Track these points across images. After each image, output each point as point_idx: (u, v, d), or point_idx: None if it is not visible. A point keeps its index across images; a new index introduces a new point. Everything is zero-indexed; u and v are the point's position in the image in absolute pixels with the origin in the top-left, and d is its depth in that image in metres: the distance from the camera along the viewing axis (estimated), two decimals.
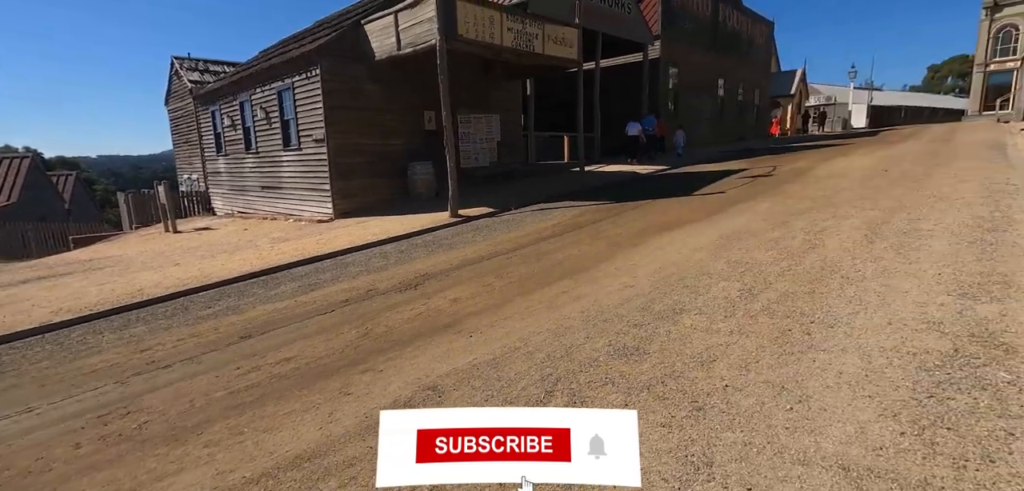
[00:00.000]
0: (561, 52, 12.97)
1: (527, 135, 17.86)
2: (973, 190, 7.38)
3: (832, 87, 57.65)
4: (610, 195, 11.40)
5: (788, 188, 9.18)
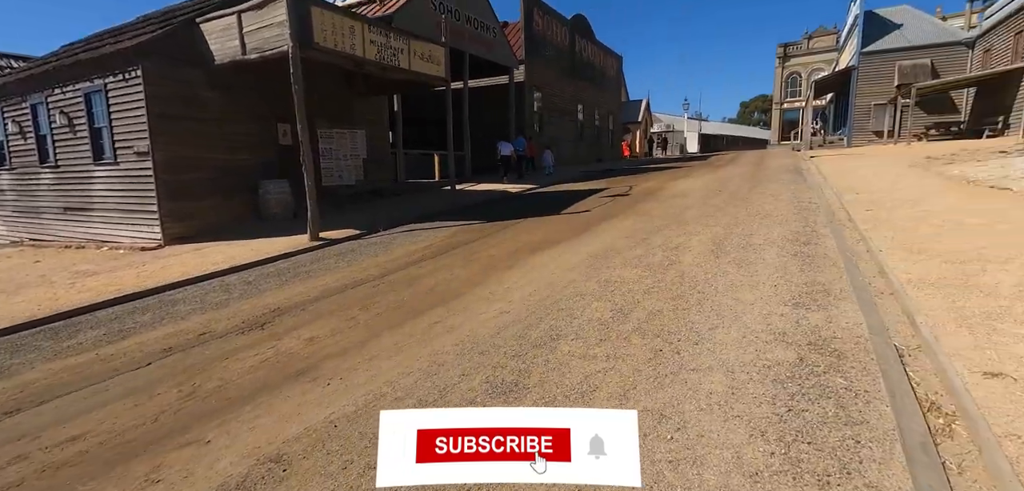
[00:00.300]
0: (428, 69, 12.67)
1: (395, 152, 17.19)
2: (786, 208, 8.64)
3: (671, 116, 65.48)
4: (482, 214, 11.32)
5: (644, 207, 9.92)
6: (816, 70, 65.22)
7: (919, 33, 27.45)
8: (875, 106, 27.32)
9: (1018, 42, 20.65)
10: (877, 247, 5.36)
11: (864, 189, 9.51)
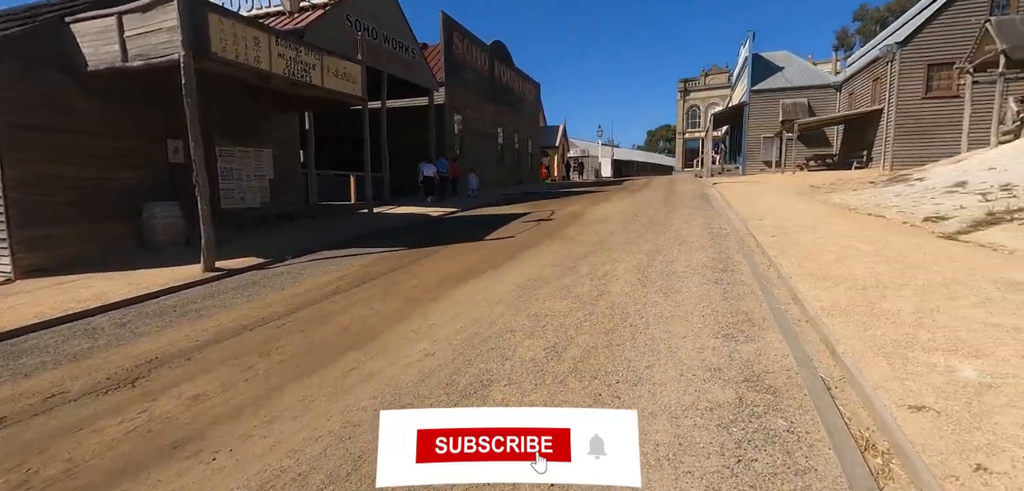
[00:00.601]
0: (343, 87, 12.00)
1: (307, 173, 16.08)
2: (700, 233, 9.03)
3: (586, 142, 68.27)
4: (403, 240, 10.77)
5: (569, 232, 9.94)
6: (712, 104, 71.55)
7: (798, 76, 30.89)
8: (764, 138, 30.21)
9: (875, 87, 23.82)
10: (788, 273, 5.63)
11: (766, 215, 10.22)
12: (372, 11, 18.96)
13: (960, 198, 10.31)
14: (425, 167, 19.70)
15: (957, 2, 20.49)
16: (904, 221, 8.81)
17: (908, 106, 21.04)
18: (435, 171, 19.93)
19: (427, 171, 19.58)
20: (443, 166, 21.21)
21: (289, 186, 14.82)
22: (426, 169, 19.64)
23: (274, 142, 14.24)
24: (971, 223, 8.20)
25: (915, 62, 20.92)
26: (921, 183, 12.96)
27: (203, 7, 8.74)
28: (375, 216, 14.76)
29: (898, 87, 21.09)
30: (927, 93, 20.87)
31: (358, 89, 12.54)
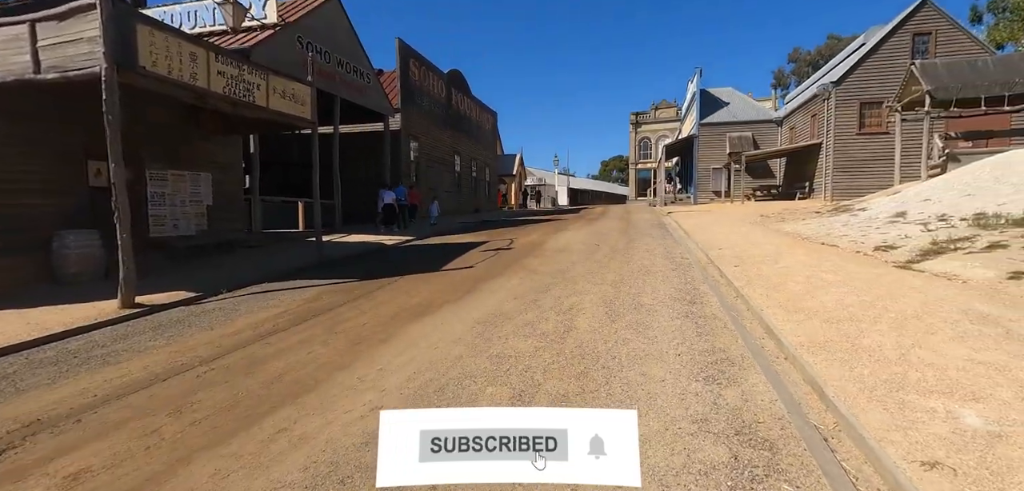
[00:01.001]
0: (292, 109, 11.31)
1: (251, 199, 15.07)
2: (663, 263, 8.87)
3: (542, 171, 69.12)
4: (354, 270, 10.09)
5: (529, 262, 9.57)
6: (662, 136, 74.27)
7: (742, 110, 32.38)
8: (714, 169, 31.32)
9: (814, 123, 25.19)
10: (757, 305, 5.44)
11: (724, 245, 10.23)
12: (325, 34, 18.38)
13: (902, 228, 10.70)
14: (385, 194, 19.03)
15: (883, 47, 22.07)
16: (857, 250, 8.98)
17: (844, 141, 22.29)
18: (395, 198, 19.33)
19: (387, 198, 18.92)
20: (402, 193, 20.70)
21: (230, 213, 13.80)
22: (386, 196, 18.98)
23: (215, 166, 13.27)
24: (920, 252, 8.43)
25: (849, 100, 22.26)
26: (864, 213, 13.50)
27: (131, 17, 7.98)
28: (325, 245, 13.92)
29: (835, 123, 22.34)
30: (860, 129, 22.20)
31: (307, 111, 11.87)
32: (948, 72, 16.27)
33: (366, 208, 23.67)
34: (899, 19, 21.95)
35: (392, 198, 18.92)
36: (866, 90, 22.07)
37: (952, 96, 15.70)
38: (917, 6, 21.69)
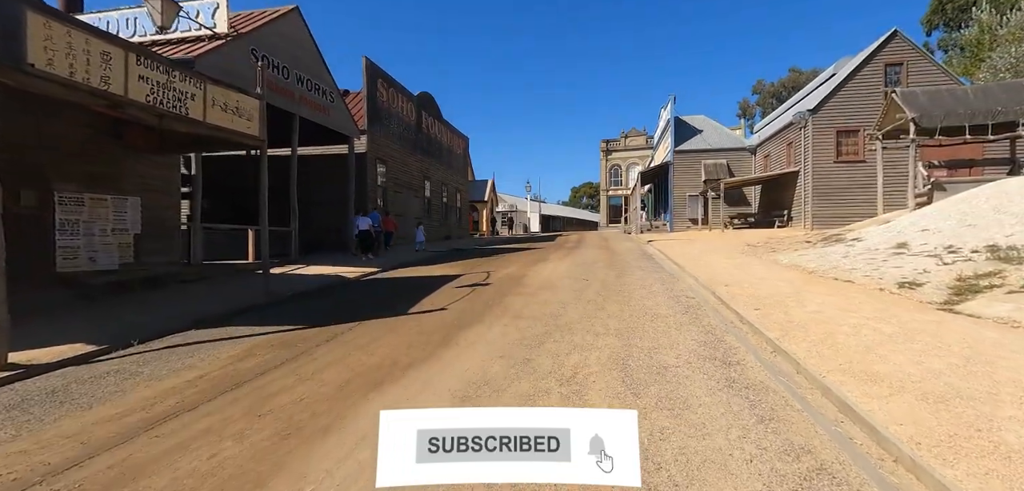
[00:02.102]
0: (235, 124, 9.77)
1: (190, 226, 13.27)
2: (668, 305, 7.70)
3: (513, 197, 68.41)
4: (304, 312, 8.53)
5: (513, 303, 8.23)
6: (632, 163, 74.90)
7: (716, 138, 32.29)
8: (689, 197, 30.91)
9: (790, 150, 25.03)
10: (814, 369, 4.26)
11: (729, 281, 9.18)
12: (284, 49, 16.90)
13: (913, 261, 9.91)
14: (359, 221, 17.90)
15: (857, 76, 22.11)
16: (879, 287, 8.04)
17: (822, 169, 22.05)
18: (370, 225, 18.22)
19: (362, 225, 17.78)
20: (376, 219, 19.49)
21: (164, 243, 12.00)
22: (361, 222, 17.84)
23: (146, 188, 11.52)
24: (951, 290, 7.54)
25: (825, 128, 22.11)
26: (861, 244, 12.78)
27: (19, 3, 6.41)
28: (276, 278, 12.24)
29: (813, 151, 22.10)
30: (838, 157, 22.03)
31: (255, 128, 10.33)
32: (929, 100, 16.07)
33: (329, 236, 21.95)
34: (871, 50, 22.09)
35: (367, 224, 17.87)
36: (842, 118, 21.99)
37: (937, 124, 15.44)
38: (887, 38, 21.88)
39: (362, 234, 17.76)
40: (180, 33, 15.18)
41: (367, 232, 17.81)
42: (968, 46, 35.89)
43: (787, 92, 57.12)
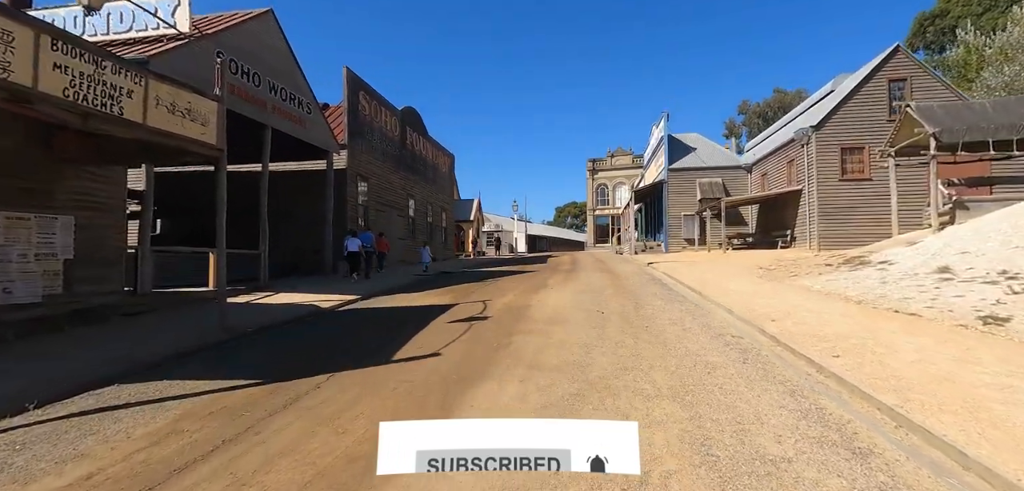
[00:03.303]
0: (185, 129, 8.18)
1: (138, 250, 11.49)
2: (716, 348, 6.30)
3: (499, 217, 67.13)
4: (261, 357, 6.90)
5: (522, 345, 6.72)
6: (619, 183, 74.38)
7: (710, 156, 31.47)
8: (685, 216, 29.90)
9: (791, 168, 24.18)
10: (1010, 474, 2.85)
11: (772, 313, 7.83)
12: (255, 54, 15.36)
13: (967, 288, 8.71)
14: (350, 242, 17.14)
15: (860, 92, 21.40)
16: (959, 323, 6.77)
17: (827, 187, 21.16)
18: (360, 245, 17.31)
19: (351, 246, 17.04)
20: (369, 240, 18.51)
21: (103, 270, 10.22)
22: (351, 244, 17.09)
23: (82, 206, 9.78)
24: None
25: (829, 145, 21.29)
26: (894, 267, 11.62)
27: None
28: (239, 309, 10.54)
29: (817, 169, 21.22)
30: (843, 175, 21.17)
31: (211, 134, 8.75)
32: (948, 115, 15.21)
33: (305, 259, 20.21)
34: (873, 65, 21.45)
35: (358, 245, 17.18)
36: (846, 135, 21.20)
37: (958, 140, 14.55)
38: (890, 53, 21.29)
39: (350, 255, 17.00)
40: (135, 32, 13.58)
41: (356, 254, 17.07)
42: (954, 66, 36.04)
43: (773, 112, 57.24)
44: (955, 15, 44.98)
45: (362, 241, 17.98)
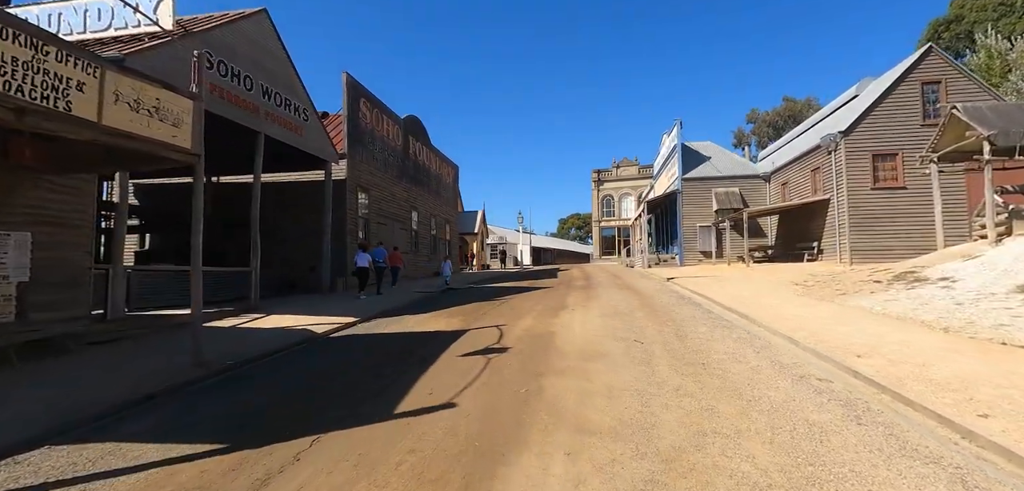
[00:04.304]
0: (153, 131, 6.95)
1: (111, 269, 10.24)
2: (806, 396, 4.99)
3: (503, 229, 65.88)
4: (233, 410, 5.59)
5: (557, 392, 5.41)
6: (625, 194, 73.07)
7: (726, 165, 30.20)
8: (700, 227, 28.58)
9: (815, 177, 22.89)
10: None
11: (848, 345, 6.51)
12: (247, 55, 14.23)
13: None
14: (359, 257, 16.65)
15: (891, 96, 20.15)
16: None
17: (858, 196, 19.84)
18: (370, 260, 16.88)
19: (361, 261, 16.56)
20: (381, 255, 17.78)
21: (66, 292, 8.98)
22: (361, 259, 16.59)
23: (40, 221, 8.58)
24: None
25: (860, 151, 20.01)
26: (959, 285, 10.29)
27: None
28: (222, 335, 9.26)
29: (846, 177, 19.92)
30: (875, 183, 19.86)
31: (185, 137, 7.52)
32: (1000, 117, 13.94)
33: (302, 275, 18.96)
34: (904, 68, 20.23)
35: (367, 261, 16.71)
36: (878, 141, 19.93)
37: (1015, 142, 13.26)
38: (923, 54, 20.08)
39: (359, 270, 16.52)
40: (115, 31, 12.47)
41: (364, 269, 16.54)
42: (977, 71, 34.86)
43: (783, 120, 56.08)
44: (970, 20, 43.86)
45: (374, 256, 17.46)
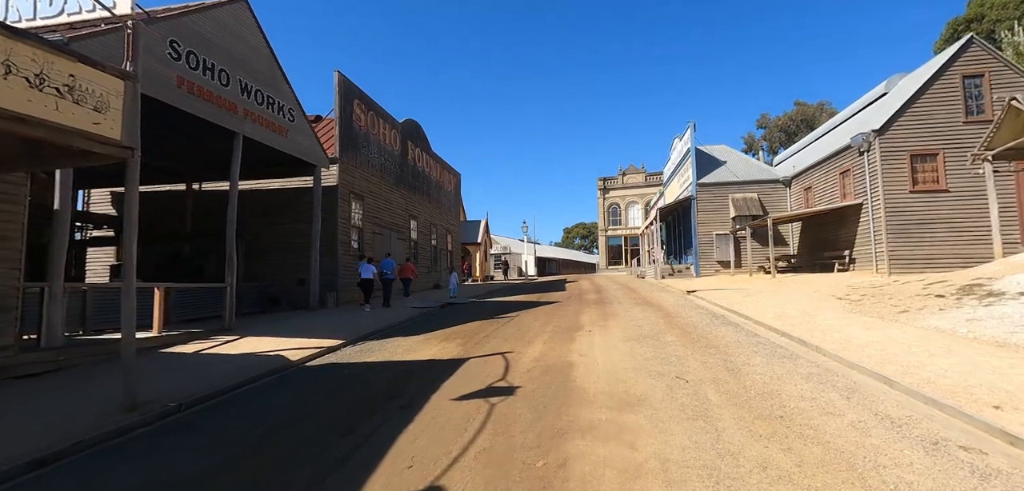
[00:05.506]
0: (64, 117, 5.42)
1: (47, 289, 8.69)
2: (961, 480, 3.37)
3: (507, 238, 64.32)
4: (145, 486, 4.00)
5: (585, 467, 3.80)
6: (631, 202, 71.41)
7: (743, 170, 28.59)
8: (717, 235, 26.92)
9: (844, 180, 21.25)
10: None
11: (973, 389, 4.90)
12: (222, 46, 12.79)
13: None
14: (364, 268, 16.18)
15: (929, 91, 18.53)
16: None
17: (896, 200, 18.16)
18: (374, 273, 16.26)
19: (365, 273, 16.09)
20: (389, 267, 16.91)
21: None
22: (365, 271, 16.11)
23: None
24: None
25: (896, 152, 18.35)
26: None
27: None
28: (178, 364, 7.65)
29: (882, 180, 18.26)
30: (914, 186, 18.19)
31: (112, 126, 5.98)
32: None
33: (287, 290, 17.44)
34: (943, 61, 18.63)
35: (371, 272, 16.15)
36: (916, 140, 18.28)
37: None
38: (963, 46, 18.48)
39: (363, 283, 16.03)
40: (67, 16, 11.06)
41: (368, 281, 16.00)
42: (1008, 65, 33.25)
43: (795, 125, 54.48)
44: (991, 19, 42.21)
45: (382, 268, 16.66)
